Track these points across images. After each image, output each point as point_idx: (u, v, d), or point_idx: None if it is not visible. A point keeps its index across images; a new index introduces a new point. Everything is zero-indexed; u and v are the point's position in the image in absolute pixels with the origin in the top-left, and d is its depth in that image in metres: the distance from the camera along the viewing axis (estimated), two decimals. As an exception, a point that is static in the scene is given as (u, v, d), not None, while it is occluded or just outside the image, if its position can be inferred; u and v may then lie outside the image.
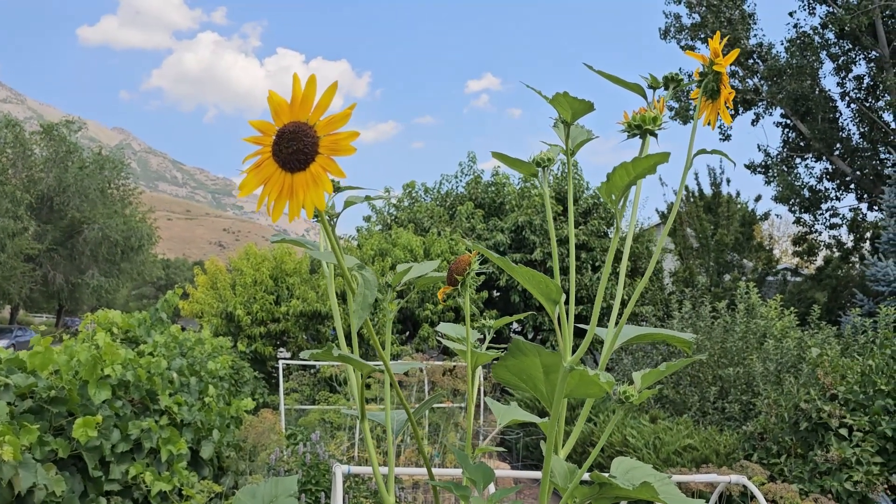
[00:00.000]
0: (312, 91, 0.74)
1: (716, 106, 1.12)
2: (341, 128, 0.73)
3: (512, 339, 1.07)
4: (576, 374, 0.97)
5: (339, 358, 1.00)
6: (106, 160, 34.19)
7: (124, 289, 44.50)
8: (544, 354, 1.01)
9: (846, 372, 5.77)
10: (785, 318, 9.86)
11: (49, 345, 3.36)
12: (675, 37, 21.59)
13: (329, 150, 0.74)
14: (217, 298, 11.56)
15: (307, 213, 0.75)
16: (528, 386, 1.11)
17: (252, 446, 5.21)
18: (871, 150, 19.94)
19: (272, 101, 0.76)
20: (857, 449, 5.09)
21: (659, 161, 0.84)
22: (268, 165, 0.77)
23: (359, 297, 0.86)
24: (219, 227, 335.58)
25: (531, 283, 0.95)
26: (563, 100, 1.03)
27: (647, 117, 0.91)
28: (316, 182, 0.74)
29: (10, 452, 2.48)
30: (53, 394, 3.26)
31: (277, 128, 0.76)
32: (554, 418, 1.01)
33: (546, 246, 14.80)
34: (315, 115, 0.74)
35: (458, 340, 1.49)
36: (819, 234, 20.87)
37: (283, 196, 0.76)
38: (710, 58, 1.10)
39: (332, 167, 0.74)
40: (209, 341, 6.67)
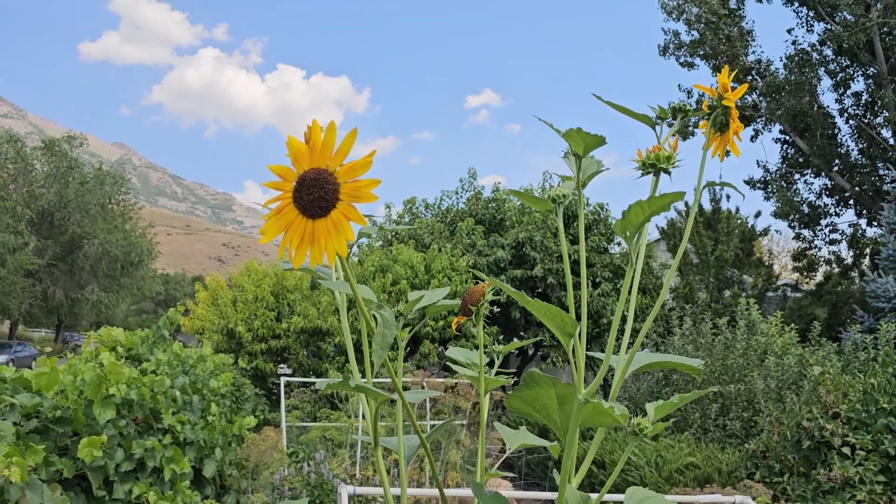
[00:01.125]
0: (332, 137, 0.77)
1: (724, 138, 1.14)
2: (362, 175, 0.76)
3: (512, 358, 1.08)
4: (590, 406, 0.99)
5: (356, 388, 1.02)
6: (106, 175, 34.27)
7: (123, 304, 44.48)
8: (559, 386, 1.03)
9: (848, 390, 5.77)
10: (786, 334, 9.87)
11: (55, 364, 3.37)
12: (675, 53, 21.73)
13: (350, 196, 0.76)
14: (218, 315, 11.56)
15: (329, 259, 0.77)
16: (541, 416, 1.13)
17: (254, 465, 5.20)
18: (870, 166, 20.01)
19: (292, 146, 0.78)
20: (860, 468, 5.09)
21: (674, 200, 0.87)
22: (289, 211, 0.79)
23: (378, 336, 0.88)
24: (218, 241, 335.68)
25: (547, 316, 0.97)
26: (577, 135, 1.06)
27: (661, 156, 0.93)
28: (337, 229, 0.76)
29: (17, 474, 2.49)
30: (59, 414, 3.27)
31: (298, 174, 0.78)
32: (568, 449, 1.03)
33: (546, 262, 14.81)
34: (335, 161, 0.77)
35: (467, 366, 1.51)
36: (819, 249, 20.91)
37: (304, 243, 0.78)
38: (719, 91, 1.12)
39: (354, 214, 0.76)
40: (211, 358, 6.67)
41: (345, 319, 1.34)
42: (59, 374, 3.30)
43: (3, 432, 2.81)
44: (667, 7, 21.02)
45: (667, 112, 1.18)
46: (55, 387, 3.29)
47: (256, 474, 5.27)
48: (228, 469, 5.35)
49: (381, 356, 0.88)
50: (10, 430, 2.86)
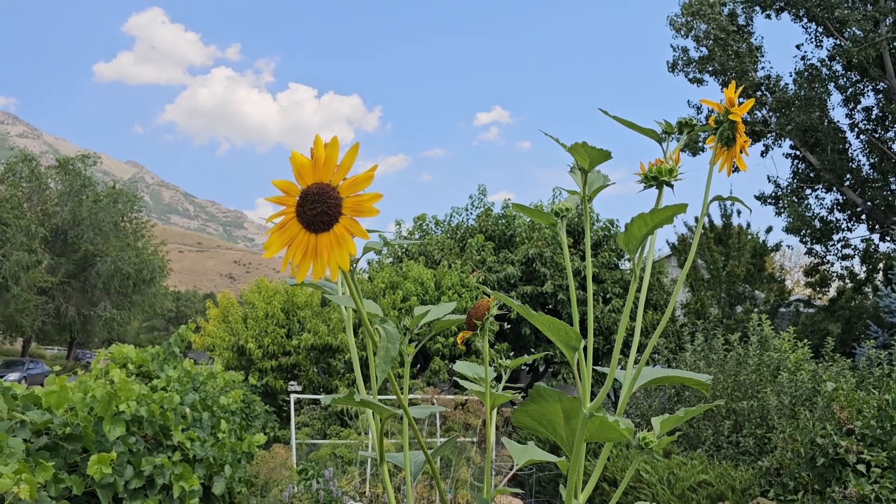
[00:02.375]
0: (335, 152, 0.77)
1: (731, 153, 1.15)
2: (364, 189, 0.76)
3: (522, 375, 1.08)
4: (596, 420, 0.98)
5: (360, 403, 1.01)
6: (120, 194, 34.58)
7: (135, 321, 44.67)
8: (565, 400, 1.02)
9: (862, 406, 5.71)
10: (798, 350, 9.78)
11: (65, 382, 3.38)
12: (683, 70, 21.78)
13: (352, 211, 0.77)
14: (229, 332, 11.59)
15: (331, 274, 0.78)
16: (547, 430, 1.12)
17: (264, 482, 5.19)
18: (881, 180, 19.91)
19: (295, 161, 0.79)
20: (876, 486, 5.02)
21: (676, 212, 0.87)
22: (292, 226, 0.79)
23: (381, 350, 0.88)
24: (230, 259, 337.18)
25: (551, 330, 0.97)
26: (582, 149, 1.06)
27: (663, 169, 0.94)
28: (340, 243, 0.77)
29: (27, 491, 2.49)
30: (69, 430, 3.28)
31: (301, 188, 0.79)
32: (574, 463, 1.03)
33: (556, 278, 14.78)
34: (338, 176, 0.77)
35: (475, 380, 1.51)
36: (831, 265, 20.77)
37: (307, 257, 0.78)
38: (726, 106, 1.12)
39: (356, 228, 0.76)
40: (221, 375, 6.68)
41: (350, 335, 1.34)
42: (69, 391, 3.32)
43: (13, 449, 2.82)
44: (675, 24, 21.09)
45: (673, 127, 1.19)
46: (65, 404, 3.30)
47: (266, 492, 5.26)
48: (238, 486, 5.34)
49: (384, 370, 0.88)
50: (21, 447, 2.87)
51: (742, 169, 1.19)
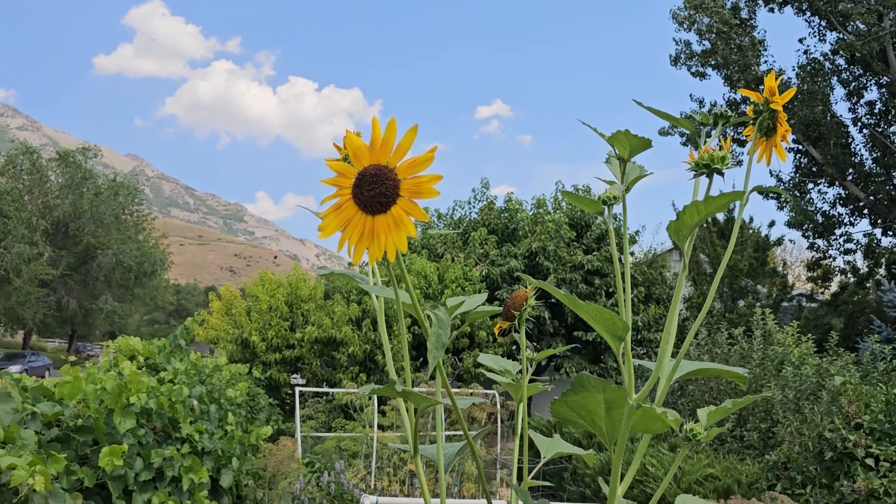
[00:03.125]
0: (392, 134, 0.76)
1: (770, 143, 1.13)
2: (424, 171, 0.74)
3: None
4: (640, 411, 0.97)
5: (401, 393, 1.00)
6: (121, 186, 34.55)
7: (136, 314, 44.69)
8: (609, 390, 1.01)
9: (869, 400, 5.70)
10: (802, 344, 9.77)
11: (78, 373, 3.37)
12: (686, 63, 21.72)
13: (411, 192, 0.75)
14: (232, 325, 11.58)
15: (389, 255, 0.76)
16: (585, 422, 1.11)
17: (271, 474, 5.18)
18: (884, 175, 19.88)
19: (351, 143, 0.77)
20: (885, 480, 5.01)
21: (731, 199, 0.85)
22: (348, 208, 0.78)
23: (433, 336, 0.87)
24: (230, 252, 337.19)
25: (597, 319, 0.95)
26: (623, 137, 1.04)
27: (715, 156, 0.92)
28: (398, 225, 0.75)
29: (41, 483, 2.48)
30: (80, 422, 3.27)
31: (357, 170, 0.77)
32: (618, 456, 1.01)
33: (560, 272, 14.76)
34: (395, 157, 0.75)
35: (501, 372, 1.49)
36: (833, 259, 20.76)
37: (364, 239, 0.76)
38: (766, 96, 1.10)
39: (415, 210, 0.74)
40: (227, 368, 6.67)
41: (382, 325, 1.32)
42: (82, 383, 3.30)
43: (25, 441, 2.81)
44: (678, 17, 21.02)
45: (709, 118, 1.17)
46: (78, 395, 3.29)
47: (273, 484, 5.25)
48: (245, 479, 5.34)
49: (436, 357, 0.86)
50: (33, 439, 2.86)
51: (782, 158, 1.17)
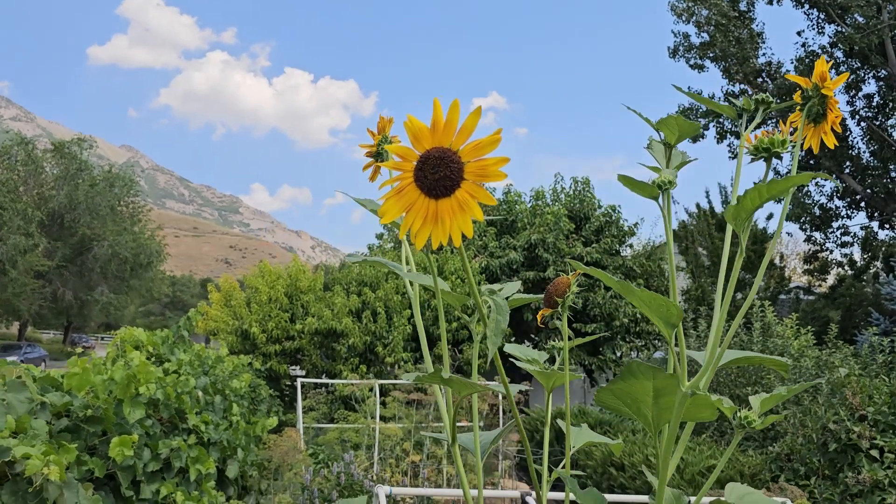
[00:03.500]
0: (455, 116, 0.74)
1: (819, 129, 1.11)
2: (489, 153, 0.73)
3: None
4: (691, 398, 0.96)
5: (446, 381, 0.98)
6: (116, 177, 34.40)
7: (132, 305, 44.60)
8: (659, 378, 0.99)
9: (873, 392, 5.72)
10: (801, 337, 9.80)
11: (87, 364, 3.35)
12: (684, 56, 21.71)
13: (476, 175, 0.73)
14: (232, 316, 11.56)
15: (454, 240, 0.74)
16: (631, 410, 1.09)
17: (276, 465, 5.18)
18: (881, 168, 19.92)
19: (412, 126, 0.76)
20: (890, 471, 5.03)
21: (798, 182, 0.83)
22: (410, 192, 0.76)
23: (492, 323, 0.85)
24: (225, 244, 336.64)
25: (651, 306, 0.94)
26: (673, 122, 1.03)
27: (775, 140, 0.90)
28: (462, 208, 0.73)
29: (56, 473, 2.47)
30: (90, 413, 3.25)
31: (419, 153, 0.75)
32: (668, 444, 1.00)
33: (559, 264, 14.77)
34: (458, 140, 0.74)
35: (529, 361, 1.48)
36: (831, 252, 20.82)
37: (427, 223, 0.75)
38: (816, 81, 1.09)
39: (481, 193, 0.73)
40: (230, 359, 6.66)
41: (417, 313, 1.31)
42: (91, 373, 3.28)
43: (36, 431, 2.80)
44: (676, 9, 20.99)
45: (751, 103, 1.15)
46: (87, 386, 3.27)
47: (278, 475, 5.24)
48: (249, 470, 5.33)
49: (496, 343, 0.84)
50: (44, 429, 2.84)
51: (830, 145, 1.16)
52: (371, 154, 1.36)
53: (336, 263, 20.88)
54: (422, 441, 7.43)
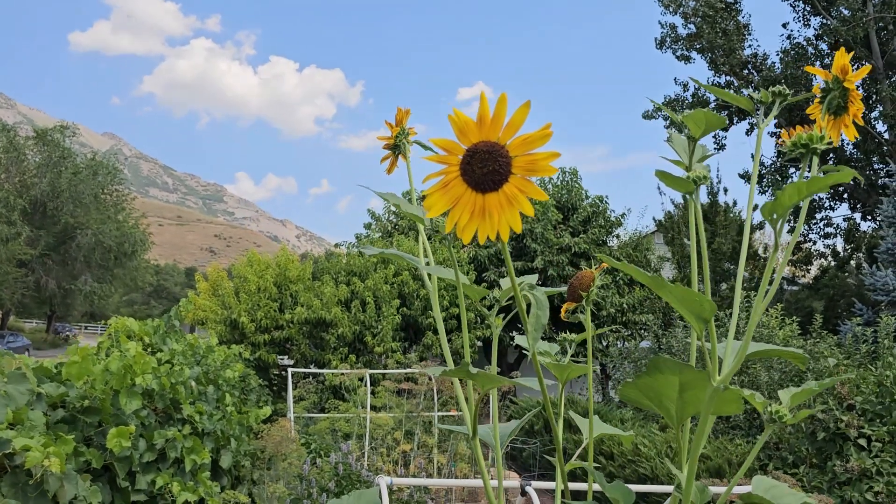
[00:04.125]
0: (503, 110, 0.74)
1: (839, 122, 1.12)
2: (539, 148, 0.72)
3: (510, 351, 1.04)
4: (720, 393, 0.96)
5: (473, 375, 0.98)
6: (100, 165, 34.01)
7: (116, 294, 44.24)
8: (686, 372, 1.00)
9: (860, 382, 5.79)
10: (786, 327, 9.91)
11: (86, 354, 3.32)
12: (671, 47, 21.78)
13: (525, 170, 0.73)
14: (221, 305, 11.50)
15: (502, 234, 0.74)
16: (653, 403, 1.10)
17: (270, 455, 5.17)
18: (864, 160, 20.12)
19: (457, 119, 0.75)
20: (877, 459, 5.11)
21: (838, 180, 0.84)
22: (456, 185, 0.76)
23: (532, 318, 0.85)
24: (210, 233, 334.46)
25: (683, 301, 0.94)
26: (701, 116, 1.03)
27: (814, 136, 0.90)
28: (511, 203, 0.73)
29: (57, 465, 2.45)
30: (87, 403, 3.23)
31: (465, 147, 0.75)
32: (699, 437, 1.01)
33: (546, 254, 14.80)
34: (506, 134, 0.74)
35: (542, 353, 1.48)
36: (814, 243, 21.02)
37: (475, 218, 0.75)
38: (836, 73, 1.09)
39: (530, 188, 0.73)
40: (220, 349, 6.63)
41: (436, 305, 1.30)
42: (90, 363, 3.26)
43: (34, 422, 2.77)
44: (664, 0, 21.03)
45: (768, 96, 1.16)
46: (85, 376, 3.24)
47: (271, 465, 5.24)
48: (243, 460, 5.32)
49: (536, 337, 0.85)
50: (41, 420, 2.82)
51: (850, 138, 1.16)
52: (388, 146, 1.35)
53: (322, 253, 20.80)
54: (412, 431, 7.45)
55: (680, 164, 1.20)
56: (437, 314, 1.28)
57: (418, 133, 1.32)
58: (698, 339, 1.02)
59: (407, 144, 1.30)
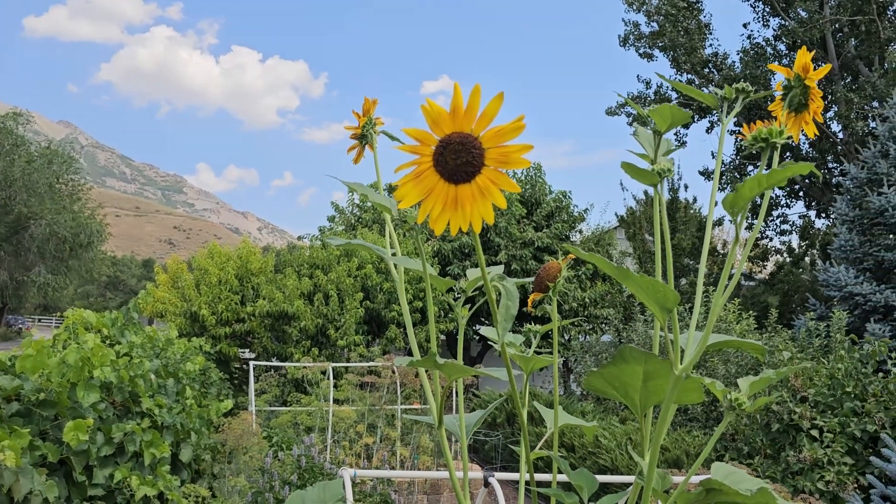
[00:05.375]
0: (477, 101, 0.74)
1: (800, 119, 1.15)
2: (512, 140, 0.73)
3: (473, 344, 1.06)
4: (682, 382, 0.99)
5: (441, 366, 0.99)
6: (55, 154, 33.15)
7: (71, 286, 43.23)
8: (650, 362, 1.02)
9: (813, 374, 5.96)
10: (743, 321, 10.13)
11: (41, 346, 3.24)
12: (634, 44, 22.03)
13: (497, 162, 0.74)
14: (181, 298, 11.32)
15: (474, 226, 0.75)
16: (618, 393, 1.12)
17: (231, 449, 5.11)
18: (819, 159, 20.61)
19: (430, 110, 0.76)
20: (828, 450, 5.26)
21: (796, 172, 0.86)
22: (428, 176, 0.76)
23: (502, 308, 0.86)
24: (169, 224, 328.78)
25: (648, 291, 0.96)
26: (667, 110, 1.05)
27: (773, 130, 0.93)
28: (484, 194, 0.74)
29: (12, 458, 2.39)
30: (42, 396, 3.16)
31: (438, 138, 0.75)
32: (661, 424, 1.03)
33: (510, 248, 14.89)
34: (479, 125, 0.74)
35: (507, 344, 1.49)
36: (770, 240, 21.50)
37: (447, 209, 0.75)
38: (798, 71, 1.12)
39: (503, 180, 0.73)
40: (180, 342, 6.53)
41: (403, 297, 1.31)
42: (45, 356, 3.18)
43: (-13, 415, 2.70)
44: (628, -2, 21.25)
45: (732, 92, 1.19)
46: (41, 369, 3.17)
47: (232, 458, 5.19)
48: (203, 454, 5.26)
49: (506, 328, 0.86)
50: (-5, 413, 2.75)
51: (810, 135, 1.20)
52: (355, 136, 1.35)
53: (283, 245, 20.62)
54: (375, 424, 7.44)
55: (645, 158, 1.22)
56: (404, 305, 1.28)
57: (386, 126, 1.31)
58: (661, 331, 1.04)
59: (374, 134, 1.30)
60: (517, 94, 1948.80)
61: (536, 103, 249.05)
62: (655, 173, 1.00)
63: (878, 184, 10.64)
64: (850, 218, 11.12)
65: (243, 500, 4.73)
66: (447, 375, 1.15)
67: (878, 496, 4.37)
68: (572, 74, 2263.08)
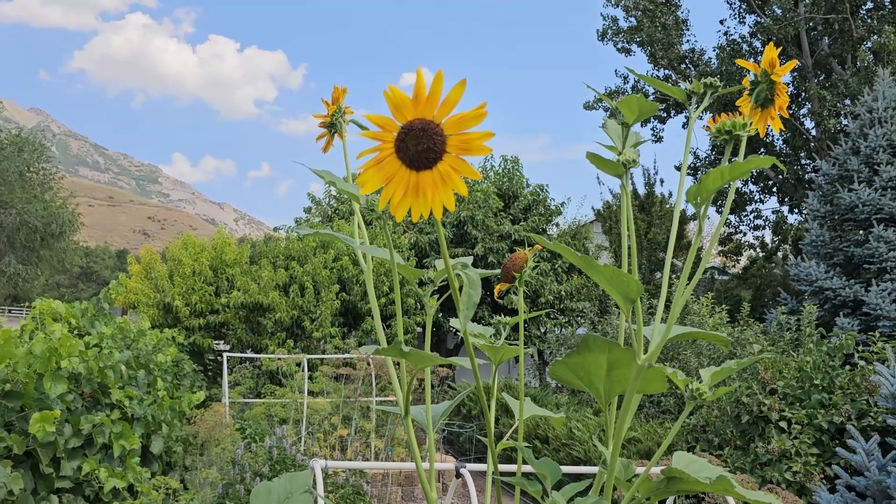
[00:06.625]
0: (439, 87, 0.74)
1: (766, 114, 1.16)
2: (474, 127, 0.73)
3: (450, 337, 1.07)
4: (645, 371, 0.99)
5: (406, 354, 0.99)
6: (25, 142, 32.56)
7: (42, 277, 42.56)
8: (614, 351, 1.03)
9: (782, 367, 6.05)
10: (716, 315, 10.26)
11: (8, 336, 3.19)
12: (612, 39, 22.11)
13: (459, 149, 0.73)
14: (153, 288, 11.20)
15: (435, 213, 0.74)
16: (583, 383, 1.13)
17: (203, 441, 5.08)
18: (793, 155, 20.87)
19: (393, 96, 0.75)
20: (796, 441, 5.35)
21: (758, 165, 0.87)
22: (390, 162, 0.76)
23: (464, 297, 0.86)
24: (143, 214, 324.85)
25: (612, 282, 0.96)
26: (634, 102, 1.06)
27: (737, 123, 0.94)
28: (444, 181, 0.74)
29: (-25, 450, 2.35)
30: (8, 387, 3.11)
31: (400, 124, 0.75)
32: (623, 415, 1.04)
33: (487, 241, 14.91)
34: (441, 112, 0.74)
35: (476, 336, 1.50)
36: (744, 234, 21.76)
37: (408, 195, 0.75)
38: (764, 67, 1.13)
39: (464, 167, 0.73)
40: (152, 333, 6.46)
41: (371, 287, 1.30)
42: (12, 346, 3.13)
43: (-49, 406, 2.65)
44: (606, -8, 21.33)
45: (700, 87, 1.19)
46: (7, 359, 3.12)
47: (204, 450, 5.15)
48: (174, 445, 5.22)
49: (467, 317, 0.85)
50: (-41, 404, 2.70)
51: (776, 130, 1.21)
52: (325, 125, 1.34)
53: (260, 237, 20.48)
54: (349, 416, 7.43)
55: (613, 150, 1.23)
56: (372, 295, 1.28)
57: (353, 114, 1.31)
58: (627, 321, 1.05)
59: (343, 123, 1.29)
60: (495, 86, 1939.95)
61: (514, 96, 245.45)
62: (620, 164, 1.01)
63: (849, 180, 10.81)
64: (822, 214, 11.29)
65: (214, 491, 4.71)
66: (413, 364, 1.15)
67: (843, 486, 4.45)
68: (551, 69, 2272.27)
